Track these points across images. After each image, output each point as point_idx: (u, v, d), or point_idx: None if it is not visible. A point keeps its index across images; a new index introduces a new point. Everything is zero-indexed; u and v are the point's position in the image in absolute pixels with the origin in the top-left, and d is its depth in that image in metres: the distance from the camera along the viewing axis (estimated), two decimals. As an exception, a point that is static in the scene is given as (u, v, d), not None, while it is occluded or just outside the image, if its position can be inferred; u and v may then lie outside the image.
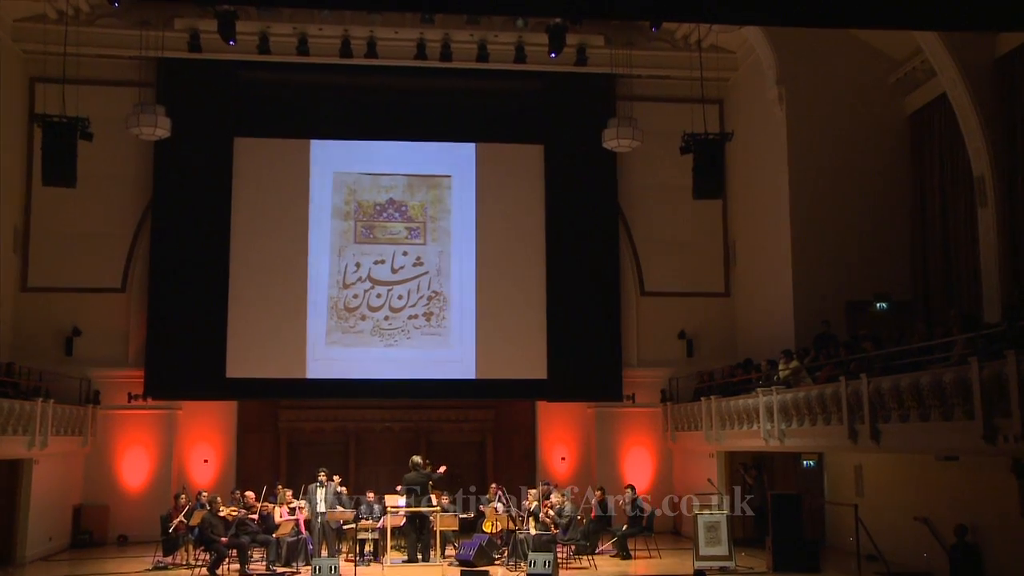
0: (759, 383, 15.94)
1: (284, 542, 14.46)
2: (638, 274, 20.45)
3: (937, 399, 11.00)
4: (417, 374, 19.27)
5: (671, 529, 19.48)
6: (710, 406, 17.46)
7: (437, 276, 19.72)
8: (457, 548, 15.22)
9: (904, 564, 13.75)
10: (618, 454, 20.10)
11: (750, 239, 19.71)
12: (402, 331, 19.50)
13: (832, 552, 15.67)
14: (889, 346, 13.01)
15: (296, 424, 20.00)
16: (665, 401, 20.08)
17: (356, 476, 19.62)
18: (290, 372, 18.91)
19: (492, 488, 16.99)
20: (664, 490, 19.76)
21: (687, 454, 19.57)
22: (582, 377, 19.50)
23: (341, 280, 19.51)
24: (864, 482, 15.70)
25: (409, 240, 19.76)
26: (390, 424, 20.36)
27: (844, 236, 17.16)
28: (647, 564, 15.35)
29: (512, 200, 19.98)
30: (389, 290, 19.57)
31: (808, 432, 14.05)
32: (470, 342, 19.57)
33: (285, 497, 15.32)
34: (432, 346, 19.48)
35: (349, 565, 14.17)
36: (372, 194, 19.78)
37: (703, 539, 14.38)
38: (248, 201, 19.36)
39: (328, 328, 19.32)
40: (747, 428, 15.96)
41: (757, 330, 18.98)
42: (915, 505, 14.03)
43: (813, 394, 13.72)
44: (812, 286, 16.98)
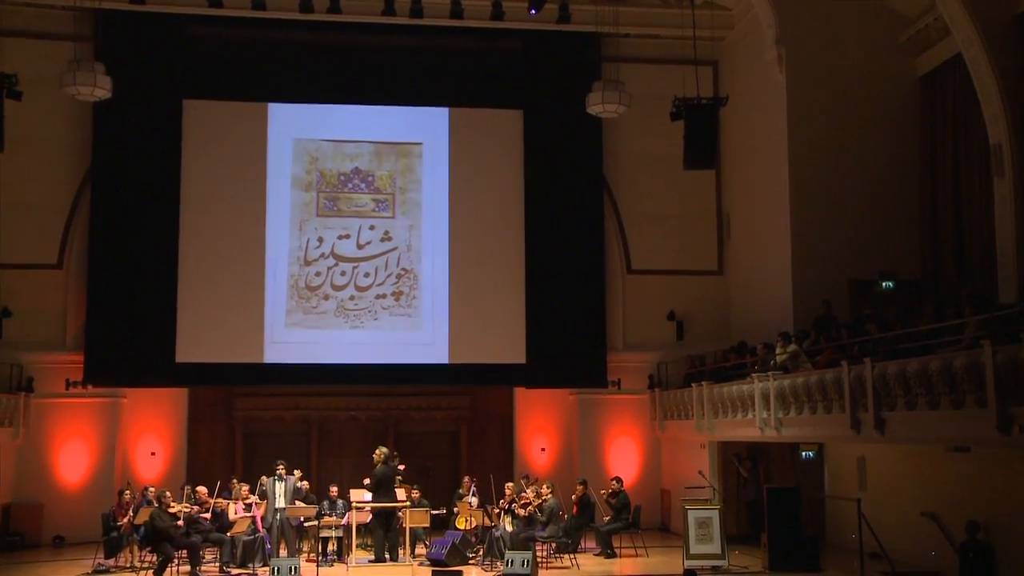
0: (754, 368, 15.97)
1: (239, 541, 14.40)
2: (624, 251, 20.52)
3: (947, 385, 10.98)
4: (385, 358, 19.27)
5: (659, 525, 19.60)
6: (701, 393, 17.48)
7: (407, 252, 19.71)
8: (428, 546, 15.26)
9: (910, 563, 13.79)
10: (602, 445, 20.16)
11: (745, 213, 19.71)
12: (369, 312, 19.46)
13: (833, 550, 15.71)
14: (895, 328, 13.03)
15: (253, 413, 20.00)
16: (653, 387, 20.14)
17: (318, 469, 19.71)
18: (246, 356, 18.85)
19: (466, 481, 17.06)
20: (652, 483, 19.91)
21: (677, 444, 19.59)
22: (563, 362, 19.55)
23: (302, 256, 19.46)
24: (867, 475, 15.74)
25: (376, 213, 19.71)
26: (356, 413, 20.36)
27: (847, 210, 17.16)
28: (633, 563, 15.37)
29: (488, 170, 19.98)
30: (355, 267, 19.54)
31: (807, 421, 14.05)
32: (443, 324, 19.57)
33: (240, 492, 15.22)
34: (401, 328, 19.47)
35: (311, 565, 14.17)
36: (336, 163, 19.68)
37: (694, 536, 14.43)
38: (199, 170, 19.18)
39: (288, 308, 19.27)
40: (741, 416, 15.98)
41: (752, 311, 19.01)
42: (922, 500, 14.06)
43: (813, 380, 13.73)
44: (812, 264, 17.01)
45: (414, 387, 20.16)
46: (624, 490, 16.38)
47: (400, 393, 20.38)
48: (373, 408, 20.36)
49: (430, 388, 20.22)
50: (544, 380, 19.66)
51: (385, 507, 14.22)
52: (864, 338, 13.36)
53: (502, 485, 16.49)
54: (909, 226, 17.20)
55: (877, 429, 12.24)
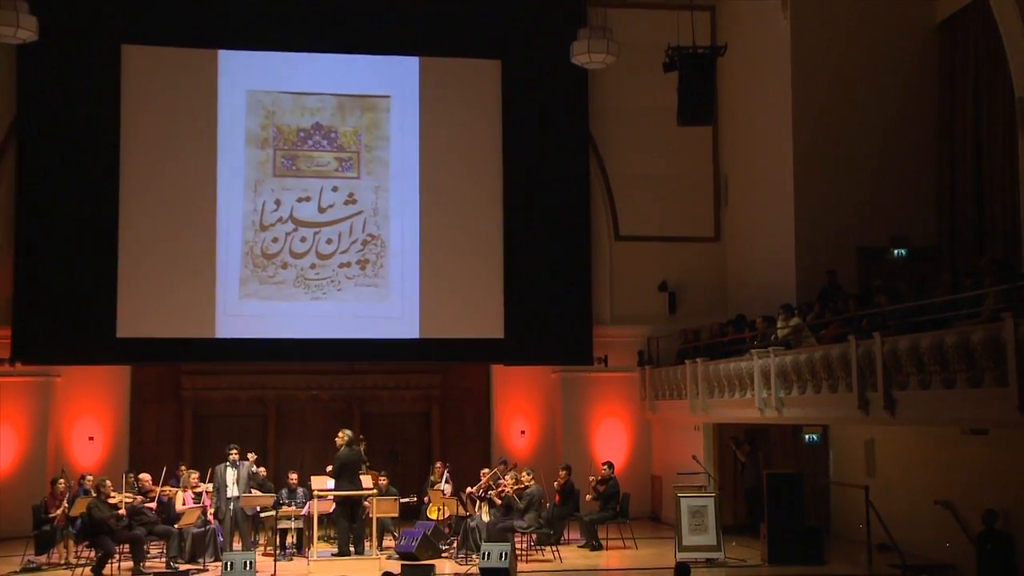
0: (754, 343, 16.00)
1: (188, 534, 14.35)
2: (612, 215, 20.53)
3: (964, 362, 10.98)
4: (350, 333, 19.25)
5: (649, 514, 19.68)
6: (696, 370, 17.51)
7: (373, 216, 19.67)
8: (397, 538, 15.28)
9: (923, 555, 13.84)
10: (587, 427, 20.20)
11: (745, 174, 19.73)
12: (331, 282, 19.40)
13: (838, 541, 15.78)
14: (907, 300, 13.07)
15: (203, 393, 19.97)
16: (643, 364, 20.15)
17: (276, 454, 19.73)
18: (195, 330, 18.76)
19: (438, 467, 17.05)
20: (641, 469, 19.96)
21: (668, 427, 19.62)
22: (545, 336, 19.59)
23: (258, 221, 19.36)
24: (876, 460, 15.79)
25: (340, 173, 19.68)
26: (317, 392, 20.37)
27: (856, 170, 17.19)
28: (621, 556, 15.40)
29: (463, 126, 19.93)
30: (316, 233, 19.48)
31: (811, 401, 14.07)
32: (413, 295, 19.55)
33: (190, 480, 15.25)
34: (368, 299, 19.47)
35: (268, 560, 14.11)
36: (295, 118, 19.59)
37: (687, 526, 14.47)
38: (141, 125, 18.99)
39: (242, 278, 19.19)
40: (739, 396, 16.02)
41: (752, 281, 19.04)
42: (936, 487, 14.11)
43: (817, 356, 13.75)
44: (818, 229, 17.04)
45: (381, 364, 20.13)
46: (615, 476, 16.45)
47: (366, 371, 20.36)
48: (336, 387, 20.36)
49: (399, 365, 20.19)
50: (524, 356, 19.67)
51: (350, 496, 14.22)
52: (873, 310, 13.37)
53: (478, 471, 16.51)
54: (924, 188, 17.22)
55: (887, 410, 12.28)
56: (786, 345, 14.95)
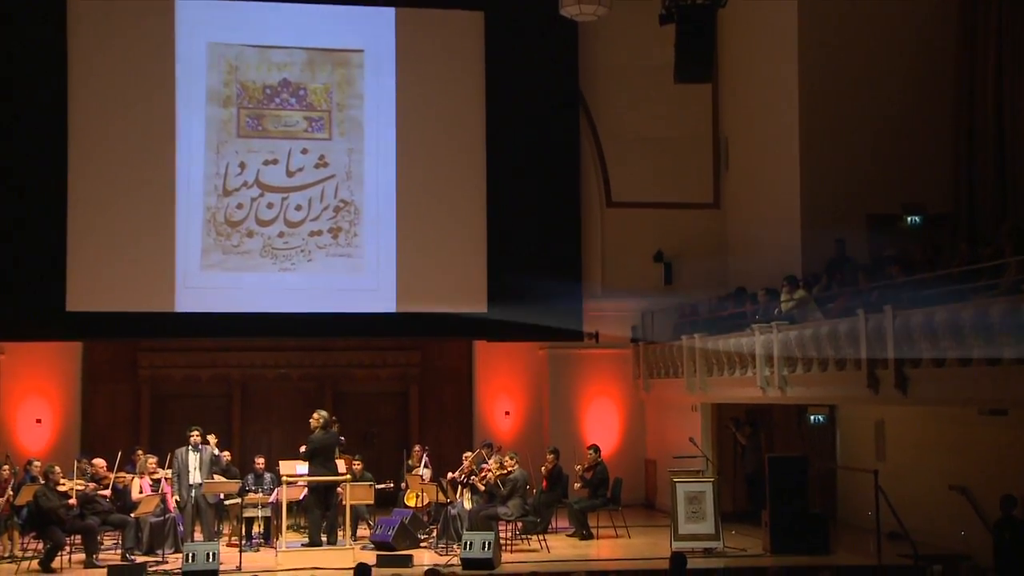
0: (755, 318, 16.02)
1: (146, 523, 14.35)
2: (604, 180, 20.49)
3: (982, 338, 10.95)
4: (321, 306, 19.20)
5: (643, 501, 19.75)
6: (693, 347, 17.53)
7: (346, 181, 19.63)
8: (372, 527, 15.30)
9: (936, 544, 13.86)
10: (577, 407, 20.24)
11: (747, 135, 19.72)
12: (301, 251, 19.37)
13: (845, 529, 15.84)
14: (921, 271, 13.08)
15: (162, 371, 19.95)
16: (636, 341, 20.18)
17: (242, 437, 19.84)
18: (153, 304, 18.66)
19: (416, 450, 17.08)
20: (634, 452, 19.99)
21: (664, 407, 19.65)
22: (531, 310, 19.48)
23: (220, 185, 19.27)
24: (887, 442, 15.84)
25: (309, 134, 19.61)
26: (286, 370, 20.38)
27: (868, 132, 17.17)
28: (612, 545, 15.42)
29: (443, 84, 19.87)
30: (284, 198, 19.42)
31: (817, 379, 14.09)
32: (389, 266, 19.52)
33: (147, 466, 15.15)
34: (340, 270, 19.44)
35: (232, 551, 14.10)
36: (260, 73, 19.48)
37: (683, 514, 14.50)
38: (91, 80, 18.80)
39: (204, 247, 19.10)
40: (740, 374, 16.05)
41: (754, 251, 19.03)
42: (951, 471, 14.14)
43: (824, 331, 13.75)
44: (825, 195, 17.02)
45: (355, 340, 20.12)
46: (602, 461, 16.44)
47: (339, 347, 20.35)
48: (307, 365, 20.36)
49: (374, 341, 20.21)
50: (508, 332, 19.58)
51: (322, 481, 14.17)
52: (885, 282, 13.38)
53: (459, 455, 16.54)
54: (940, 151, 17.17)
55: (898, 389, 12.28)
56: (790, 319, 14.94)
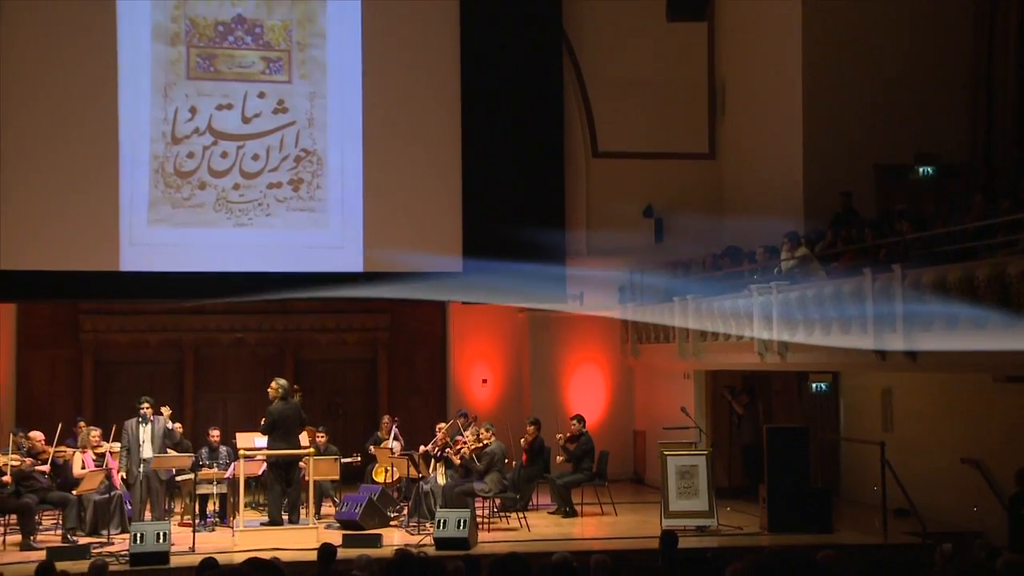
0: (753, 278, 16.04)
1: (89, 501, 14.29)
2: (589, 128, 20.48)
3: (999, 298, 10.97)
4: (281, 265, 19.14)
5: (631, 476, 19.89)
6: (686, 309, 17.53)
7: (308, 128, 19.52)
8: (338, 504, 15.40)
9: (946, 521, 13.93)
10: (559, 375, 20.29)
11: (745, 79, 19.69)
12: (259, 205, 19.26)
13: (848, 506, 15.91)
14: (934, 226, 13.08)
15: (106, 336, 19.92)
16: (625, 303, 20.17)
17: (195, 408, 19.87)
18: (96, 262, 18.50)
19: (385, 421, 17.11)
20: (622, 423, 20.07)
21: (654, 374, 19.74)
22: (511, 270, 19.30)
23: (169, 132, 19.12)
24: (894, 412, 15.89)
25: (267, 76, 19.47)
26: (243, 335, 20.40)
27: (877, 75, 17.15)
28: (598, 523, 15.49)
29: (413, 21, 19.79)
30: (240, 147, 19.32)
31: (819, 344, 14.06)
32: (355, 221, 19.49)
33: (90, 439, 15.10)
34: (302, 226, 19.38)
35: (185, 531, 14.06)
36: (211, 8, 19.35)
37: (674, 489, 14.55)
38: (22, 15, 18.53)
39: (151, 200, 18.96)
40: (736, 339, 16.07)
41: (752, 205, 19.04)
42: (963, 443, 14.16)
43: (827, 292, 13.78)
44: (830, 144, 17.02)
45: (318, 302, 20.03)
46: (587, 432, 16.48)
47: (301, 310, 20.36)
48: (266, 329, 20.38)
49: (339, 303, 20.11)
50: (486, 293, 19.47)
51: (283, 456, 14.18)
52: (894, 239, 13.40)
53: (432, 426, 16.53)
54: (955, 96, 17.17)
55: (907, 354, 12.30)
56: (791, 279, 14.95)
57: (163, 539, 12.52)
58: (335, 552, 9.76)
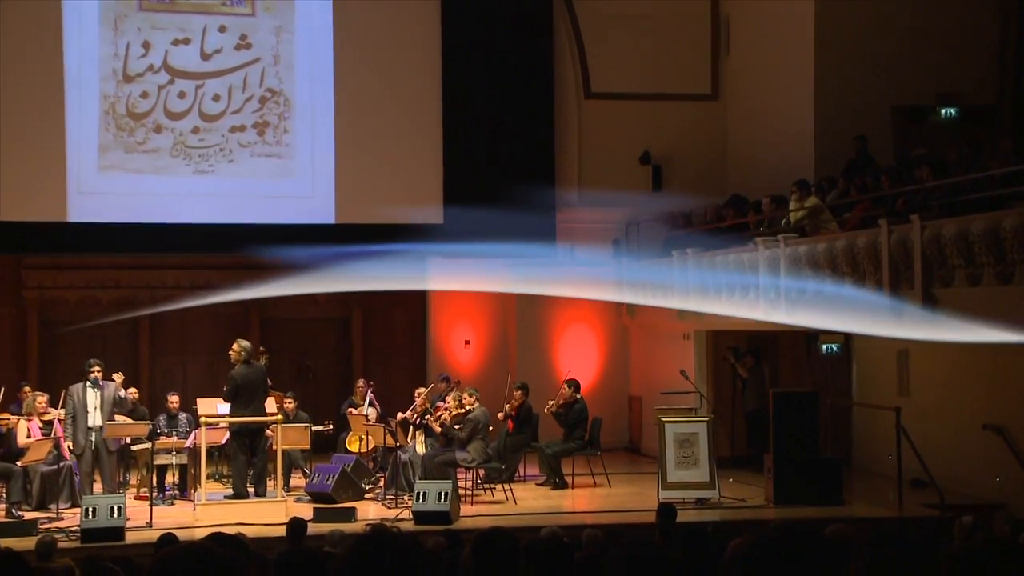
0: (759, 230, 16.11)
1: (36, 473, 14.32)
2: (581, 66, 20.44)
3: (1025, 251, 11.10)
4: (245, 216, 19.14)
5: (626, 444, 20.05)
6: (686, 264, 17.56)
7: (274, 66, 19.47)
8: (308, 476, 15.41)
9: (966, 492, 14.03)
10: (548, 336, 20.35)
11: (752, 13, 19.71)
12: (221, 150, 19.20)
13: (861, 476, 16.00)
14: (957, 173, 13.09)
15: (53, 293, 19.98)
16: (620, 257, 20.16)
17: (151, 372, 19.94)
18: (41, 212, 18.51)
19: (360, 386, 17.17)
20: (616, 388, 20.18)
21: (651, 335, 19.82)
22: (496, 221, 19.22)
23: (120, 69, 19.02)
24: (911, 375, 15.95)
25: (228, 8, 19.43)
26: (204, 293, 19.94)
27: (896, 9, 17.17)
28: (590, 495, 15.57)
29: None
30: (199, 86, 19.27)
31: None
32: (326, 168, 19.47)
33: (36, 405, 15.12)
34: (268, 174, 19.37)
35: (142, 504, 14.12)
36: None
37: (672, 459, 14.59)
38: None
39: (101, 144, 18.90)
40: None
41: (759, 151, 19.09)
42: (985, 408, 14.21)
43: (839, 245, 13.84)
44: (844, 84, 17.09)
45: (287, 256, 19.83)
46: (581, 398, 16.52)
47: (267, 265, 20.05)
48: (229, 285, 19.99)
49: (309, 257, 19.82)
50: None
51: (248, 423, 14.21)
52: (913, 187, 13.39)
53: (411, 391, 16.54)
54: (981, 32, 17.18)
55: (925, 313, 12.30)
56: (800, 231, 15.00)
57: (117, 514, 12.51)
58: (305, 527, 9.76)
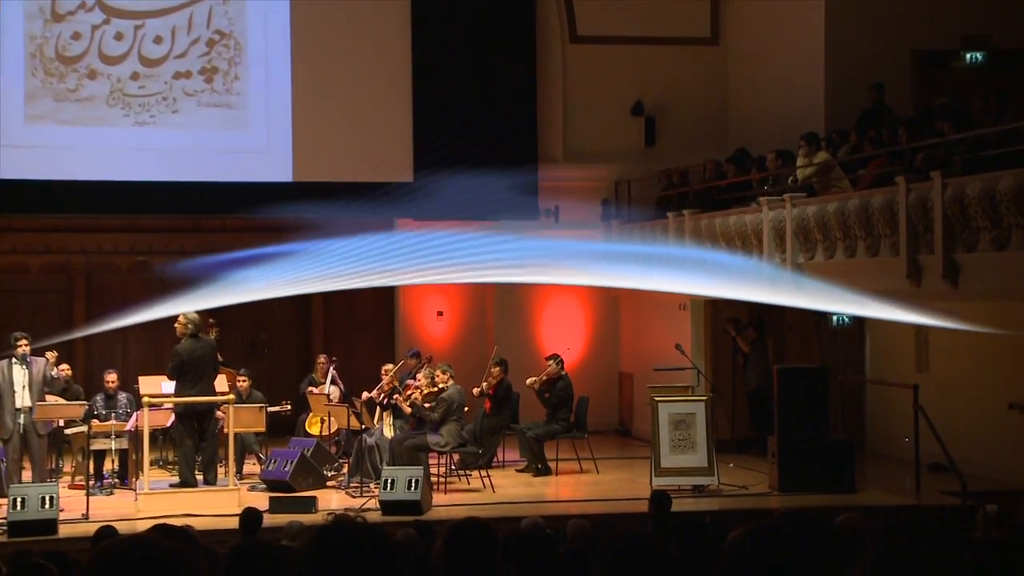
0: (763, 188, 16.11)
1: None
2: (566, 7, 20.47)
3: (1059, 212, 11.16)
4: (191, 173, 19.07)
5: (616, 427, 20.16)
6: (682, 226, 17.62)
7: (223, 5, 19.47)
8: (263, 462, 15.44)
9: (990, 478, 14.08)
10: (530, 306, 20.44)
11: None
12: (163, 99, 19.17)
13: (875, 461, 16.09)
14: (982, 125, 13.10)
15: None
16: (609, 219, 20.32)
17: (87, 346, 19.89)
18: None
19: (321, 362, 17.25)
20: (605, 364, 20.26)
21: (643, 305, 19.82)
22: (471, 180, 19.25)
23: (48, 7, 19.04)
24: (930, 349, 16.00)
25: None
26: (146, 258, 20.33)
27: None
28: (576, 483, 15.65)
29: None
30: (138, 27, 19.22)
31: (841, 268, 14.17)
32: (282, 121, 19.43)
33: None
34: (217, 125, 19.34)
35: (77, 494, 14.11)
36: None
37: (667, 442, 14.63)
38: None
39: (28, 92, 18.89)
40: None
41: (763, 101, 19.12)
42: (1011, 386, 14.30)
43: (851, 206, 13.87)
44: (858, 26, 17.15)
45: (238, 218, 20.09)
46: (566, 375, 16.55)
47: (216, 228, 20.41)
48: (174, 251, 20.29)
49: (264, 220, 19.90)
50: (441, 208, 19.44)
51: (196, 403, 14.15)
52: (933, 140, 13.38)
53: (378, 368, 16.54)
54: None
55: (947, 279, 12.42)
56: (809, 190, 15.00)
57: (50, 504, 12.48)
58: (260, 518, 9.79)
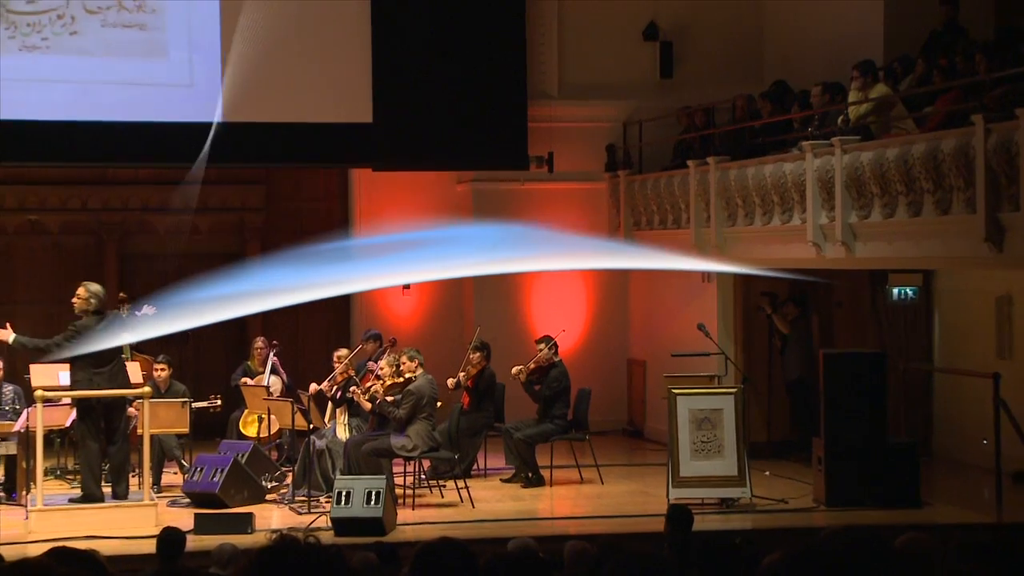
0: (807, 130, 16.13)
1: None
2: None
3: None
4: (97, 112, 19.08)
5: (624, 426, 20.33)
6: (706, 178, 17.69)
7: None
8: (187, 470, 15.56)
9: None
10: (518, 278, 20.39)
11: None
12: (59, 18, 19.10)
13: (945, 468, 16.25)
14: None
15: None
16: (615, 168, 20.43)
17: None
18: None
19: (259, 347, 17.49)
20: (611, 348, 20.44)
21: (659, 276, 19.82)
22: (445, 120, 19.52)
23: None
24: (1014, 330, 16.06)
25: None
26: (40, 218, 20.52)
27: None
28: (574, 496, 15.81)
29: None
30: None
31: (904, 229, 14.28)
32: (210, 46, 19.43)
33: None
34: (128, 52, 19.27)
35: None
36: None
37: (687, 445, 14.72)
38: None
39: None
40: (780, 222, 16.29)
41: (807, 22, 19.26)
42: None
43: (916, 152, 13.89)
44: None
45: (157, 168, 20.11)
46: (560, 363, 16.61)
47: (128, 179, 20.53)
48: (77, 208, 20.50)
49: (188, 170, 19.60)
50: (408, 155, 19.78)
51: (102, 397, 14.11)
52: (1019, 69, 13.39)
53: (329, 354, 16.71)
54: None
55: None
56: (864, 132, 15.00)
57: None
58: (183, 540, 9.80)
